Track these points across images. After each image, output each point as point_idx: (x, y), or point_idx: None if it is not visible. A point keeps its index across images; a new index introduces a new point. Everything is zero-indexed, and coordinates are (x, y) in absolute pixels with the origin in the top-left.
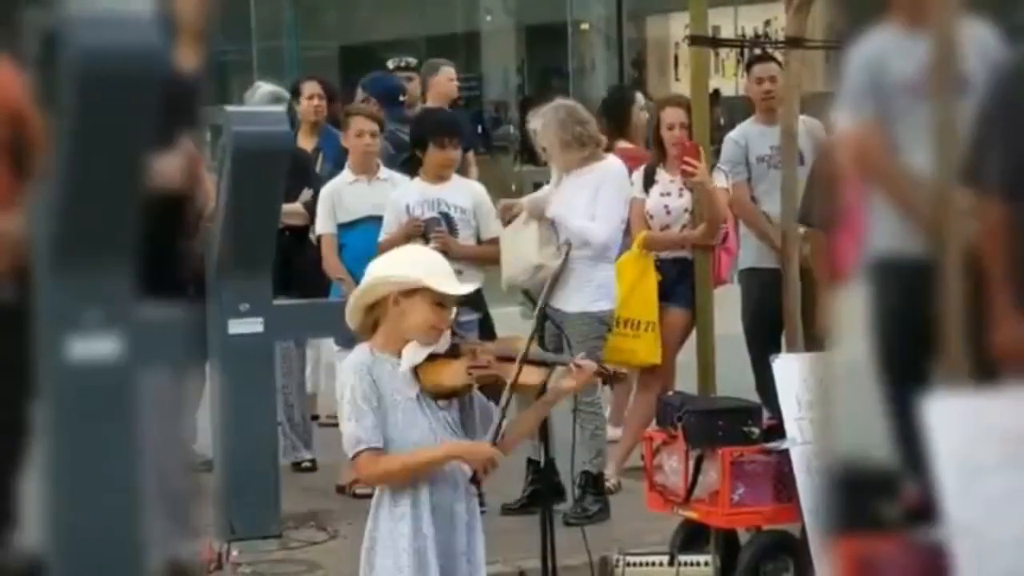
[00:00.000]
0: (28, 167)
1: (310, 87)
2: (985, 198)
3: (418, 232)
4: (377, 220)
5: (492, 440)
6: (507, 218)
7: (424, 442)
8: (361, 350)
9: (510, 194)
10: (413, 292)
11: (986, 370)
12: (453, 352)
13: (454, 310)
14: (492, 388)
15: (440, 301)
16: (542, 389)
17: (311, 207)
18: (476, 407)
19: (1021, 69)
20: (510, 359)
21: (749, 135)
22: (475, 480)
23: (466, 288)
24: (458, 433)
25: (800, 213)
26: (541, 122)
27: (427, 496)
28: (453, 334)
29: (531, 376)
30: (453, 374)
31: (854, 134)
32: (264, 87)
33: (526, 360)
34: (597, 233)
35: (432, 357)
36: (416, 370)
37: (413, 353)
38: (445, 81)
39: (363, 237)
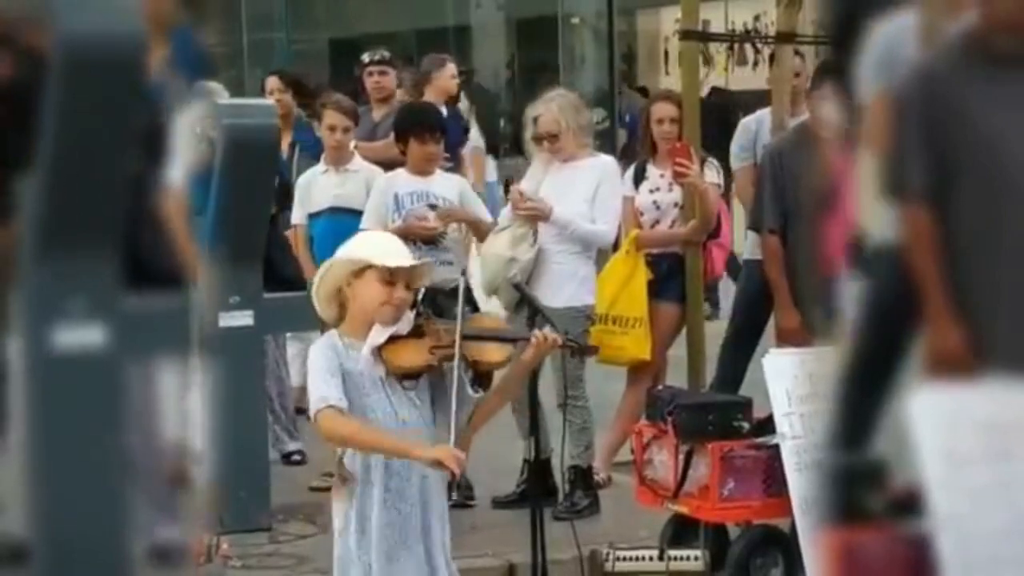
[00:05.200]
0: None
1: (269, 83)
2: (909, 206)
3: (430, 237)
4: (340, 212)
5: (455, 444)
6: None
7: (386, 422)
8: (329, 335)
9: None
10: (362, 272)
11: None
12: (417, 333)
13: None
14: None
15: (388, 279)
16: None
17: (276, 194)
18: (449, 385)
19: (937, 74)
20: (475, 338)
21: (762, 122)
22: (451, 484)
23: (410, 260)
24: (423, 412)
25: (751, 219)
26: (557, 104)
27: (381, 486)
28: (418, 315)
29: (495, 354)
30: (415, 354)
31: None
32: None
33: (480, 337)
34: (605, 235)
35: (395, 338)
36: (380, 351)
37: (375, 335)
38: (448, 78)
39: (325, 228)
